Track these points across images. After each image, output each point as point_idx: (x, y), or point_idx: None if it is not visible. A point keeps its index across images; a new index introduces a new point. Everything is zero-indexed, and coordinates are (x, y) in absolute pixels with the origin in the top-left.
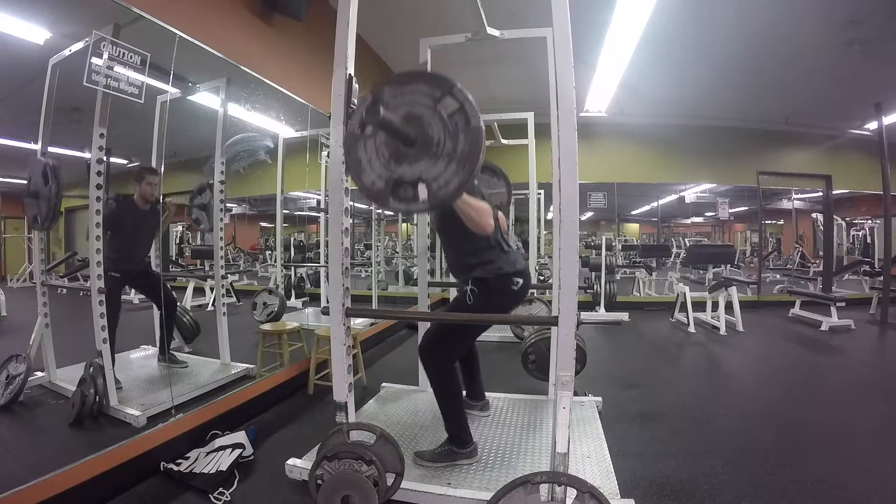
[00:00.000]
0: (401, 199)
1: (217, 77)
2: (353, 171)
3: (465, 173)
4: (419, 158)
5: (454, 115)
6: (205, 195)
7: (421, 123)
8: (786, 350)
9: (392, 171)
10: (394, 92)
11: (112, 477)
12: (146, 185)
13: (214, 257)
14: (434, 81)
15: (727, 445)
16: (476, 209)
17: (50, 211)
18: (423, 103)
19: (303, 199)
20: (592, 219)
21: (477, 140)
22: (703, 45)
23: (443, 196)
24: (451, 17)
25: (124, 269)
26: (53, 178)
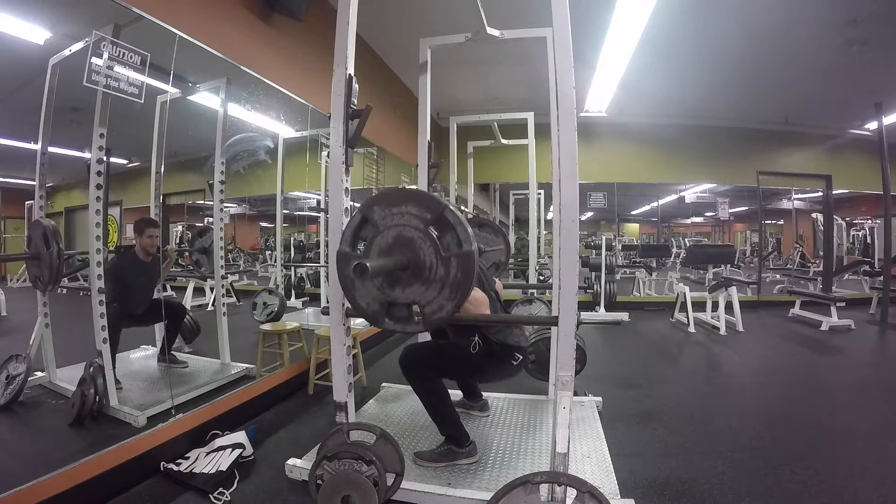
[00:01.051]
0: (396, 319)
1: (217, 77)
2: (346, 292)
3: (459, 298)
4: (412, 282)
5: (446, 237)
6: (205, 238)
7: (412, 247)
8: (786, 350)
9: (386, 294)
10: (384, 212)
11: (112, 477)
12: (147, 238)
13: (214, 257)
14: (424, 203)
15: (727, 445)
16: (472, 303)
17: (52, 275)
18: (413, 225)
19: (303, 199)
20: (592, 219)
21: (469, 266)
22: (703, 45)
23: (436, 320)
24: (451, 17)
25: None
26: (54, 241)
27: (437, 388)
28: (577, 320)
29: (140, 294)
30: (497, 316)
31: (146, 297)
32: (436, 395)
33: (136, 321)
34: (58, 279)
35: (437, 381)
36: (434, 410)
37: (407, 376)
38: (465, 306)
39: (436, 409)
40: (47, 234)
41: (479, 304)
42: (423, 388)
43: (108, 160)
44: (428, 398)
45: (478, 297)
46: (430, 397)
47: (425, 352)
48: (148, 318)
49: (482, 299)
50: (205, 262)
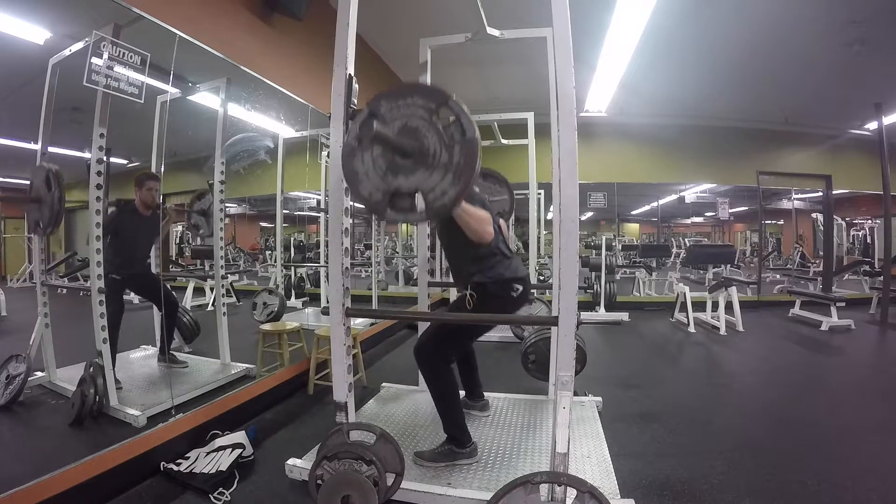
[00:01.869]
0: (398, 209)
1: (217, 77)
2: (350, 182)
3: (462, 184)
4: (415, 170)
5: (450, 127)
6: (204, 200)
7: (417, 135)
8: (786, 350)
9: (389, 183)
10: (389, 105)
11: (112, 477)
12: (147, 190)
13: (214, 257)
14: (429, 94)
15: (727, 445)
16: (475, 218)
17: (52, 217)
18: (418, 115)
19: (303, 199)
20: (592, 219)
21: (472, 152)
22: (703, 45)
23: (439, 206)
24: (451, 17)
25: (125, 272)
26: (56, 183)
27: (448, 382)
28: (577, 320)
29: (138, 249)
30: (497, 316)
31: (144, 253)
32: (444, 390)
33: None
34: (57, 222)
35: (448, 372)
36: (443, 405)
37: (420, 366)
38: (469, 222)
39: (445, 404)
40: (49, 176)
41: (483, 221)
42: (436, 381)
43: (108, 160)
44: (439, 391)
45: (482, 214)
46: (440, 390)
47: (430, 333)
48: (145, 288)
49: (486, 217)
50: (203, 225)
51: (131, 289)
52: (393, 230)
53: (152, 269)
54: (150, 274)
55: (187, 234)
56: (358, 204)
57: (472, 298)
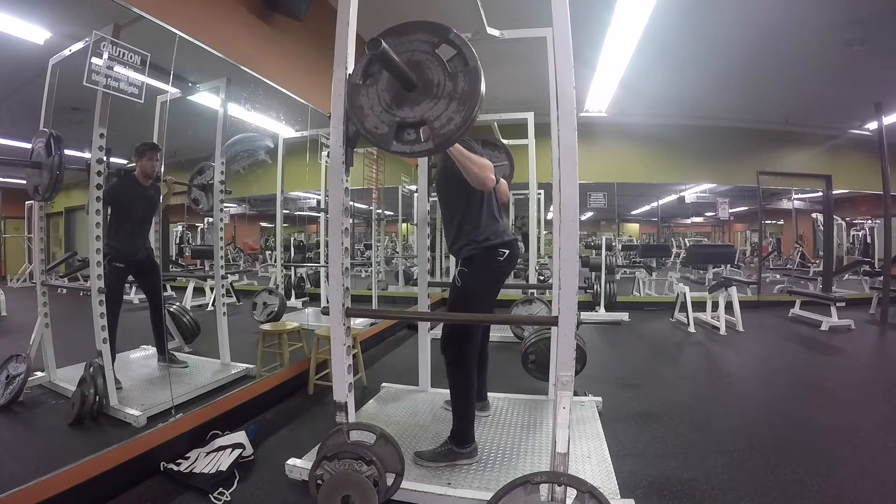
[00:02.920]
0: (404, 142)
1: (217, 77)
2: (355, 117)
3: (467, 111)
4: (420, 101)
5: (453, 60)
6: (205, 175)
7: (421, 68)
8: (786, 350)
9: (394, 115)
10: (393, 42)
11: (112, 477)
12: (147, 160)
13: (214, 257)
14: (431, 29)
15: (727, 445)
16: (478, 163)
17: (52, 181)
18: (422, 49)
19: (303, 199)
20: (592, 219)
21: (476, 79)
22: (703, 45)
23: (446, 133)
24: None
25: (127, 253)
26: (57, 148)
27: (470, 378)
28: (577, 320)
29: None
30: (496, 316)
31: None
32: (466, 385)
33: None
34: (57, 187)
35: (472, 368)
36: (458, 399)
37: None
38: (471, 167)
39: (461, 399)
40: (50, 140)
41: (485, 167)
42: (457, 372)
43: (108, 160)
44: (458, 385)
45: (484, 161)
46: (460, 385)
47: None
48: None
49: (488, 163)
50: (203, 200)
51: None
52: (393, 230)
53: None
54: (153, 262)
55: (187, 234)
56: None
57: (461, 276)
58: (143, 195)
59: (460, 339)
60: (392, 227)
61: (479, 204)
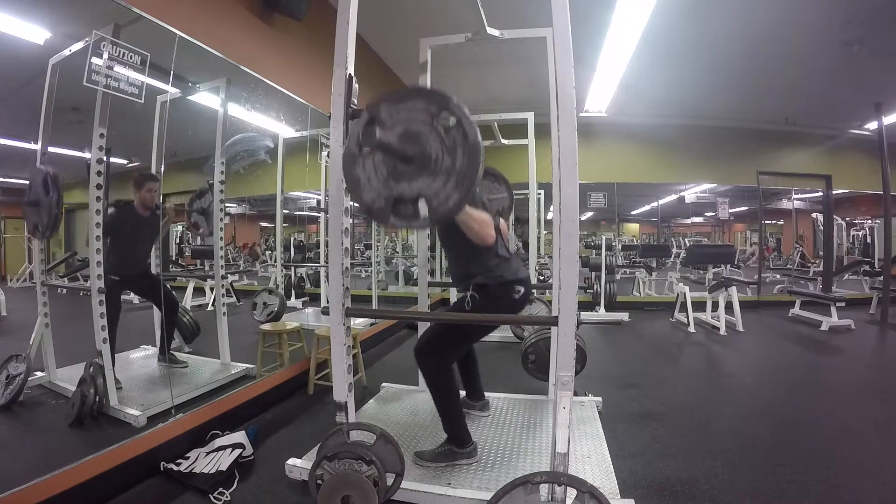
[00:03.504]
0: (401, 216)
1: (217, 77)
2: (352, 189)
3: (465, 189)
4: (418, 175)
5: (451, 131)
6: (204, 199)
7: (419, 140)
8: (786, 350)
9: (391, 189)
10: (390, 109)
11: (112, 477)
12: (146, 191)
13: (214, 257)
14: (431, 97)
15: (727, 445)
16: (477, 221)
17: (51, 220)
18: (420, 119)
19: (303, 199)
20: (592, 219)
21: (475, 155)
22: (703, 45)
23: (443, 212)
24: (451, 17)
25: (124, 273)
26: (54, 186)
27: (448, 382)
28: (577, 320)
29: (138, 250)
30: (496, 316)
31: (144, 254)
32: (444, 390)
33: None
34: (56, 226)
35: (448, 372)
36: (443, 406)
37: (420, 366)
38: (471, 225)
39: (445, 405)
40: (48, 179)
41: (485, 223)
42: (434, 378)
43: (108, 160)
44: (437, 391)
45: (484, 216)
46: (440, 390)
47: (431, 334)
48: (145, 288)
49: (488, 219)
50: (203, 224)
51: (131, 289)
52: (393, 230)
53: (152, 269)
54: (150, 274)
55: (187, 234)
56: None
57: (472, 300)
58: (142, 226)
59: (436, 355)
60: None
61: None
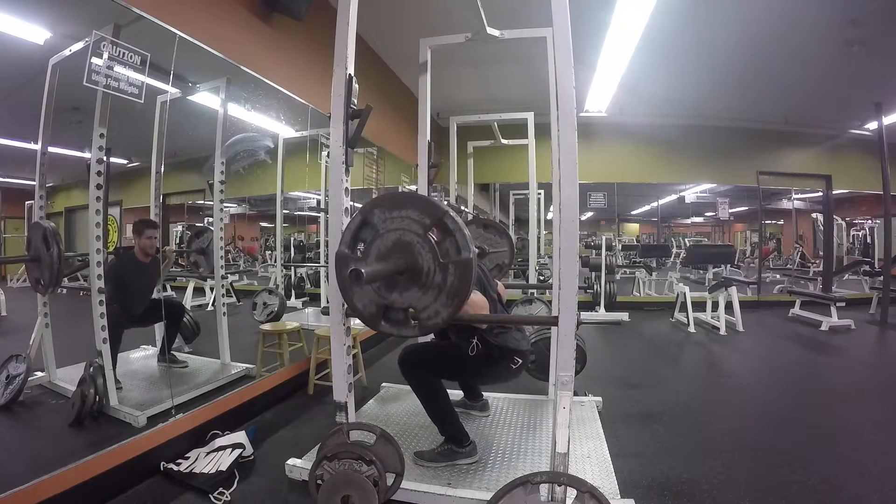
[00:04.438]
0: (392, 322)
1: (217, 77)
2: (343, 293)
3: (455, 306)
4: (409, 287)
5: (444, 243)
6: (203, 238)
7: (411, 251)
8: (786, 350)
9: (383, 297)
10: (383, 215)
11: (112, 477)
12: (146, 239)
13: (214, 258)
14: (424, 208)
15: (727, 445)
16: (471, 306)
17: (52, 276)
18: (412, 230)
19: (303, 199)
20: (592, 219)
21: (467, 274)
22: (704, 46)
23: (432, 325)
24: (451, 17)
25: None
26: (54, 242)
27: (437, 391)
28: (577, 320)
29: (139, 295)
30: (496, 316)
31: (145, 298)
32: (435, 398)
33: (136, 321)
34: (58, 281)
35: (436, 383)
36: (433, 412)
37: (406, 377)
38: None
39: (435, 411)
40: (47, 235)
41: (479, 308)
42: (423, 390)
43: (108, 160)
44: (427, 400)
45: (477, 300)
46: (429, 399)
47: (424, 353)
48: (148, 319)
49: (482, 303)
50: (203, 263)
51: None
52: None
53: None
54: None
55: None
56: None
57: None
58: (143, 272)
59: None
60: None
61: None
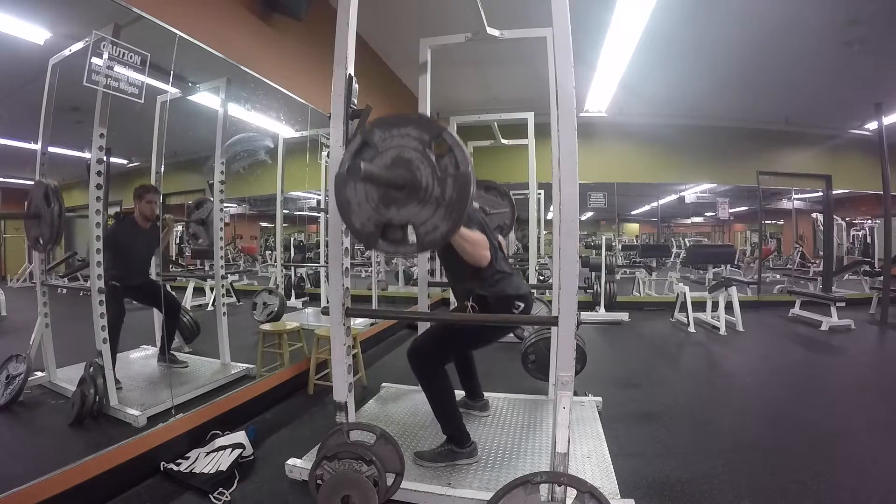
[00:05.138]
0: (390, 241)
1: (217, 77)
2: (342, 212)
3: (453, 220)
4: (407, 203)
5: (443, 160)
6: (203, 209)
7: (410, 167)
8: (786, 350)
9: (381, 215)
10: (383, 134)
11: (112, 477)
12: (146, 203)
13: (214, 257)
14: (423, 125)
15: (727, 445)
16: (470, 242)
17: (52, 233)
18: (412, 147)
19: (303, 199)
20: (592, 219)
21: (465, 187)
22: (704, 45)
23: (430, 241)
24: (451, 17)
25: (125, 283)
26: (55, 199)
27: (444, 387)
28: (577, 320)
29: (139, 261)
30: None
31: (145, 265)
32: (441, 393)
33: (134, 293)
34: (58, 238)
35: (444, 378)
36: (439, 408)
37: (414, 371)
38: (464, 246)
39: (440, 407)
40: (49, 192)
41: (478, 245)
42: (430, 384)
43: (108, 160)
44: (433, 395)
45: (478, 238)
46: (436, 394)
47: (429, 338)
48: (146, 294)
49: (482, 240)
50: (202, 234)
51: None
52: None
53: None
54: (151, 282)
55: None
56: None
57: (472, 311)
58: (142, 237)
59: (430, 359)
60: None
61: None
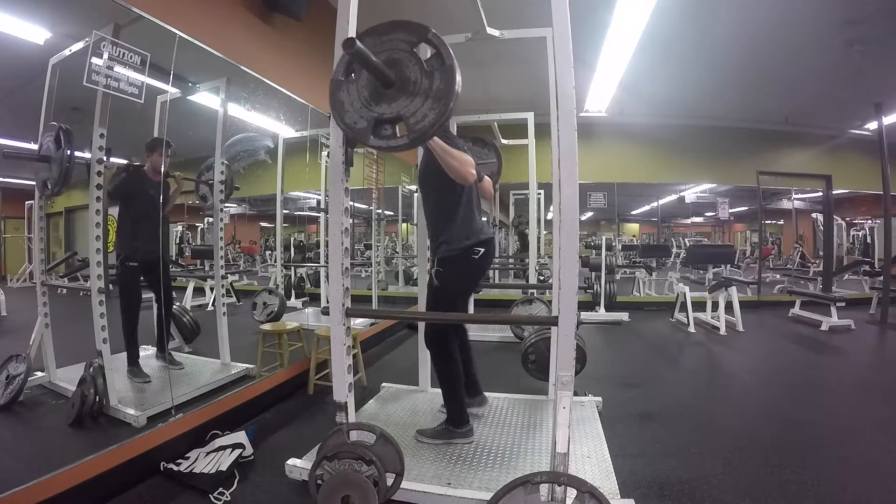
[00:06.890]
0: (381, 137)
1: (217, 77)
2: (336, 113)
3: (441, 107)
4: (397, 98)
5: (431, 59)
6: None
7: (399, 66)
8: (786, 350)
9: (372, 111)
10: (373, 41)
11: (112, 477)
12: (158, 155)
13: (214, 257)
14: (410, 28)
15: (727, 445)
16: (457, 158)
17: (61, 175)
18: (401, 49)
19: (303, 199)
20: (592, 219)
21: (451, 77)
22: (703, 45)
23: (420, 129)
24: (451, 17)
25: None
26: (67, 141)
27: (454, 367)
28: (577, 320)
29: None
30: (497, 315)
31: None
32: (450, 374)
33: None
34: (66, 181)
35: (455, 364)
36: (446, 385)
37: (431, 350)
38: (451, 162)
39: (448, 386)
40: (60, 134)
41: (465, 162)
42: (443, 364)
43: (109, 160)
44: (443, 374)
45: (465, 156)
46: (445, 374)
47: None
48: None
49: (468, 159)
50: (210, 196)
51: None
52: (393, 230)
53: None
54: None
55: (187, 234)
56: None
57: (436, 275)
58: (152, 189)
59: (439, 334)
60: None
61: (458, 200)
